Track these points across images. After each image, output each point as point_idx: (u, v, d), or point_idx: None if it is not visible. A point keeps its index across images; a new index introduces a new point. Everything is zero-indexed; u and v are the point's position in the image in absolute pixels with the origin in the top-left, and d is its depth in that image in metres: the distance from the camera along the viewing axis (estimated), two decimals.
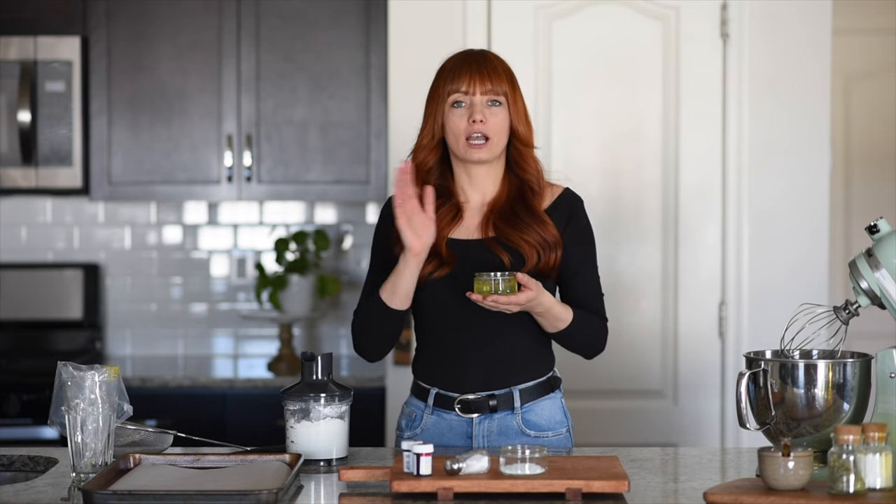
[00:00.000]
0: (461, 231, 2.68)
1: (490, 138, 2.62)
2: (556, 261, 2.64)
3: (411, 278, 2.57)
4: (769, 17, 3.96)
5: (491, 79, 2.63)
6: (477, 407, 2.66)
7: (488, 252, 2.63)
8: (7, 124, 4.24)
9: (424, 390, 2.71)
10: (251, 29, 4.31)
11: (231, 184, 4.33)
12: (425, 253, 2.55)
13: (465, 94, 2.62)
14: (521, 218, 2.64)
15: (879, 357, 2.32)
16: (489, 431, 2.66)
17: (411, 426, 2.72)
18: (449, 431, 2.68)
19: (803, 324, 2.43)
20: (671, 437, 4.03)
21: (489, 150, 2.63)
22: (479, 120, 2.61)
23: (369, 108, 4.32)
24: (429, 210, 2.52)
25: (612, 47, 4.01)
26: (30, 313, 4.56)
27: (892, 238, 2.33)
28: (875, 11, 5.46)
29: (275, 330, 4.65)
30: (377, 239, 2.75)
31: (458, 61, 2.67)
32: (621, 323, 3.99)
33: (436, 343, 2.69)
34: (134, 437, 2.55)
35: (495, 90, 2.63)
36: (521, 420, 2.66)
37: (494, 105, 2.63)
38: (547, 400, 2.70)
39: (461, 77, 2.63)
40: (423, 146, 2.68)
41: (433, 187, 2.59)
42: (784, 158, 3.98)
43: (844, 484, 2.12)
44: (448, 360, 2.67)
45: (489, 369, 2.65)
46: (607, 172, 4.01)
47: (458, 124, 2.63)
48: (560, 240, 2.65)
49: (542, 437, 2.68)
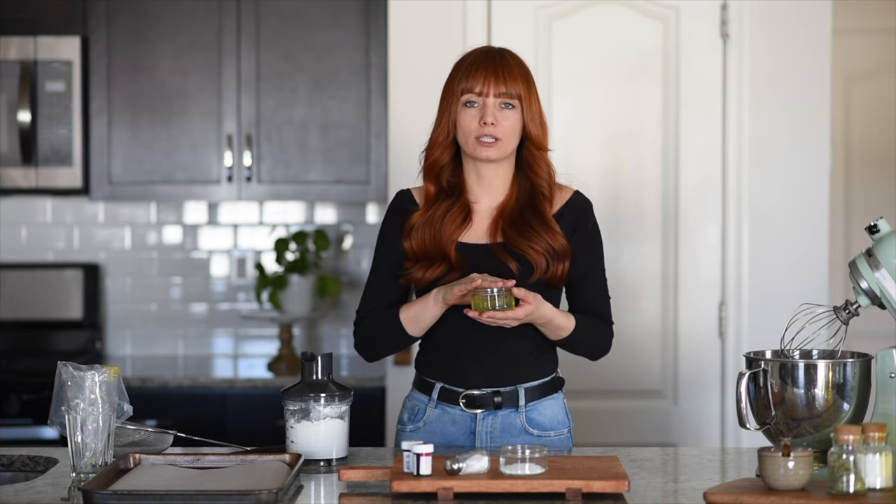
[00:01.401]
0: (470, 235, 2.67)
1: (500, 139, 2.62)
2: (563, 272, 2.64)
3: (436, 317, 2.62)
4: (769, 17, 3.96)
5: (506, 81, 2.61)
6: (482, 402, 2.66)
7: (496, 258, 2.63)
8: (7, 124, 4.24)
9: (429, 384, 2.71)
10: (251, 29, 4.31)
11: (231, 184, 4.33)
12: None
13: (479, 94, 2.61)
14: (531, 224, 2.64)
15: (879, 357, 2.32)
16: (493, 428, 2.66)
17: (414, 419, 2.72)
18: (452, 426, 2.68)
19: (803, 324, 2.43)
20: (671, 437, 4.03)
21: (498, 149, 2.63)
22: (491, 122, 2.60)
23: (369, 108, 4.32)
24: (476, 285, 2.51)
25: (612, 47, 4.01)
26: (30, 313, 4.56)
27: (892, 238, 2.33)
28: (875, 11, 5.46)
29: (275, 330, 4.65)
30: (383, 236, 2.74)
31: (474, 59, 2.64)
32: (621, 323, 3.97)
33: (443, 340, 2.69)
34: (134, 437, 2.55)
35: (509, 92, 2.61)
36: (524, 418, 2.67)
37: (507, 108, 2.62)
38: (550, 400, 2.71)
39: (476, 76, 2.61)
40: (438, 143, 2.67)
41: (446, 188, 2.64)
42: (784, 158, 3.98)
43: (844, 484, 2.12)
44: (455, 357, 2.68)
45: (495, 367, 2.65)
46: (607, 172, 4.01)
47: (470, 124, 2.62)
48: (568, 249, 2.64)
49: (545, 436, 2.68)
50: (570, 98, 4.01)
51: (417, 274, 2.64)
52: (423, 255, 2.65)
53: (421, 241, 2.65)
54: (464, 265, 2.63)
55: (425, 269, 2.64)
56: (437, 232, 2.65)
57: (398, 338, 2.68)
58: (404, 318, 2.65)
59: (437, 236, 2.64)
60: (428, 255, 2.64)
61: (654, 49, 4.01)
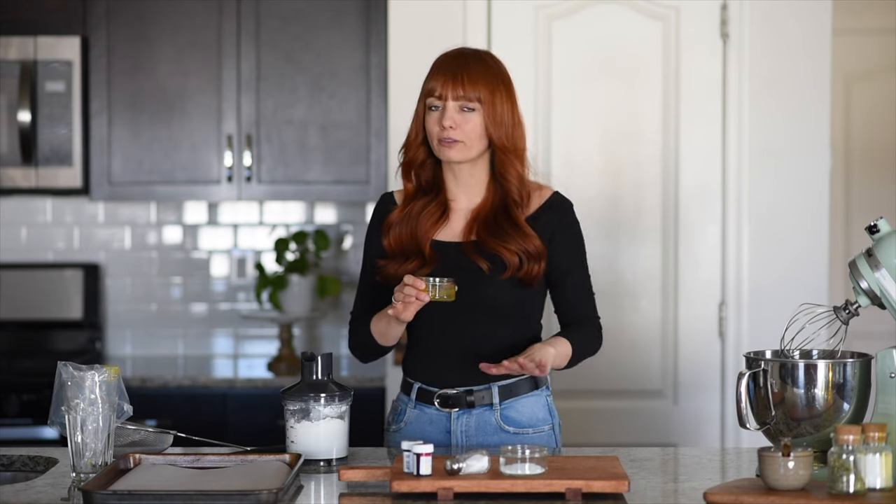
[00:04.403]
0: (446, 233, 2.69)
1: (461, 141, 2.62)
2: (538, 272, 2.64)
3: (400, 331, 2.66)
4: (769, 17, 3.96)
5: (464, 85, 2.60)
6: (455, 401, 2.68)
7: (466, 258, 2.65)
8: (7, 124, 4.24)
9: (409, 385, 2.74)
10: (251, 29, 4.31)
11: (231, 184, 4.33)
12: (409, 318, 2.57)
13: (439, 98, 2.62)
14: (504, 229, 2.65)
15: (879, 357, 2.32)
16: (467, 426, 2.67)
17: (396, 420, 2.75)
18: (429, 425, 2.70)
19: (803, 324, 2.43)
20: (671, 437, 4.03)
21: (460, 151, 2.63)
22: (449, 126, 2.61)
23: (369, 108, 4.32)
24: (422, 298, 2.52)
25: (612, 47, 4.01)
26: (30, 313, 4.56)
27: (892, 238, 2.33)
28: (875, 11, 5.46)
29: (275, 330, 4.65)
30: (368, 238, 2.78)
31: (440, 62, 2.66)
32: (622, 323, 3.99)
33: (421, 339, 2.71)
34: (134, 437, 2.55)
35: (468, 96, 2.61)
36: (499, 416, 2.67)
37: (467, 111, 2.62)
38: (530, 397, 2.70)
39: (436, 79, 2.63)
40: (412, 142, 2.70)
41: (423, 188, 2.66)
42: (784, 158, 3.98)
43: (844, 484, 2.12)
44: (431, 355, 2.70)
45: (469, 365, 2.65)
46: (607, 172, 4.01)
47: (432, 126, 2.64)
48: (544, 251, 2.65)
49: (523, 433, 2.68)
50: (569, 98, 4.01)
51: (391, 269, 2.66)
52: (400, 251, 2.67)
53: (398, 237, 2.68)
54: (436, 261, 2.64)
55: (399, 265, 2.66)
56: (414, 228, 2.67)
57: (380, 348, 2.74)
58: (374, 331, 2.70)
59: (414, 232, 2.67)
60: (404, 251, 2.67)
61: (654, 49, 4.01)
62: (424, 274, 2.60)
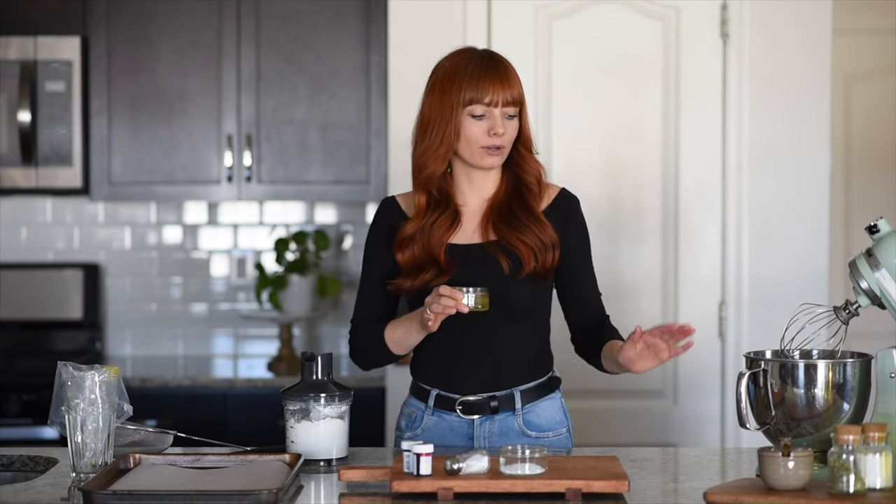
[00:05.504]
0: (460, 236, 2.66)
1: (504, 147, 2.61)
2: (553, 262, 2.63)
3: (418, 340, 2.63)
4: (769, 17, 3.96)
5: (512, 91, 2.59)
6: (478, 408, 2.66)
7: (487, 256, 2.63)
8: (7, 124, 4.24)
9: (424, 391, 2.71)
10: (251, 29, 4.31)
11: (231, 184, 4.33)
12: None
13: (488, 105, 2.57)
14: (519, 218, 2.63)
15: (879, 357, 2.32)
16: (490, 432, 2.66)
17: (411, 427, 2.72)
18: (450, 432, 2.68)
19: (803, 324, 2.43)
20: (671, 437, 4.03)
21: (502, 157, 2.63)
22: (501, 133, 2.58)
23: (369, 108, 4.32)
24: (461, 309, 2.47)
25: (612, 47, 4.01)
26: (30, 313, 4.56)
27: (892, 238, 2.33)
28: (875, 11, 5.46)
29: (275, 330, 4.65)
30: (370, 245, 2.73)
31: (476, 68, 2.59)
32: (621, 323, 3.94)
33: (436, 345, 2.67)
34: (134, 437, 2.55)
35: (514, 102, 2.59)
36: (522, 421, 2.66)
37: (509, 118, 2.61)
38: (547, 400, 2.70)
39: (483, 88, 2.57)
40: (438, 154, 2.62)
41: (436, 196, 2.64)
42: (784, 158, 3.98)
43: (844, 484, 2.12)
44: (449, 362, 2.67)
45: (490, 371, 2.65)
46: (607, 172, 4.01)
47: (477, 134, 2.58)
48: (557, 241, 2.64)
49: (543, 437, 2.68)
50: (569, 98, 4.01)
51: (406, 284, 2.63)
52: (415, 266, 2.63)
53: (412, 253, 2.63)
54: (454, 266, 2.61)
55: (414, 278, 2.62)
56: (427, 240, 2.63)
57: (388, 356, 2.70)
58: (389, 340, 2.66)
59: (427, 245, 2.63)
60: (419, 266, 2.63)
61: (654, 49, 4.01)
62: (442, 282, 2.57)
